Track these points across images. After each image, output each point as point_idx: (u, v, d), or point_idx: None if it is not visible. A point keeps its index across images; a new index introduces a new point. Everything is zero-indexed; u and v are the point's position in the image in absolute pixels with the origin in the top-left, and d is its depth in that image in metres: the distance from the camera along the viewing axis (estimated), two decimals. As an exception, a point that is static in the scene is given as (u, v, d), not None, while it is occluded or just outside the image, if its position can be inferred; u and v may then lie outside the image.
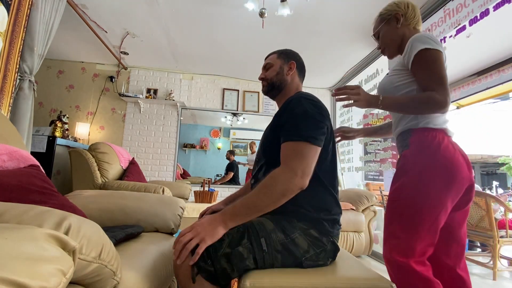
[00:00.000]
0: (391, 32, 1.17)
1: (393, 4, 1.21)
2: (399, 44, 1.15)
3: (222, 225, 0.80)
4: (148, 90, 3.79)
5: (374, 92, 3.12)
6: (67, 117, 3.14)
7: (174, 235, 1.35)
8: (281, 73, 1.07)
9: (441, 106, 0.90)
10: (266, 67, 1.12)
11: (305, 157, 0.82)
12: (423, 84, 0.95)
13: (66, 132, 3.05)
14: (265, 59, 1.15)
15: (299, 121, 0.87)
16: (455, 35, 2.08)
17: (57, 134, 2.83)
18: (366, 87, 3.25)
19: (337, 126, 4.10)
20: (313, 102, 0.91)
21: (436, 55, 0.94)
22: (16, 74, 1.62)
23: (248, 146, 4.20)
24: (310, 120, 0.87)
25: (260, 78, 1.12)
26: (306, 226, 0.87)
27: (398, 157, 1.04)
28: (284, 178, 0.80)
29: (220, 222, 0.80)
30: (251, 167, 4.10)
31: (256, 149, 4.20)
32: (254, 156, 4.18)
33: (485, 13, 1.77)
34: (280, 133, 0.90)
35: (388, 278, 0.82)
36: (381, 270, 2.41)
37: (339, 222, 0.95)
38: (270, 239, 0.83)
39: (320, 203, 0.90)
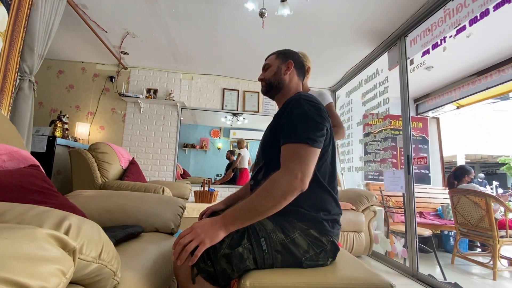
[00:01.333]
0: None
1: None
2: None
3: (223, 229, 0.79)
4: (148, 90, 3.79)
5: (374, 92, 3.11)
6: (67, 117, 3.14)
7: (174, 235, 1.35)
8: (278, 73, 1.07)
9: None
10: (265, 68, 1.13)
11: (304, 159, 0.81)
12: None
13: (66, 132, 3.05)
14: (265, 60, 1.15)
15: (298, 122, 0.86)
16: (455, 35, 2.08)
17: (57, 134, 2.83)
18: (366, 87, 3.25)
19: (337, 126, 4.09)
20: (313, 103, 0.90)
21: None
22: (16, 74, 1.62)
23: (237, 143, 4.17)
24: (309, 122, 0.86)
25: (259, 79, 1.13)
26: (306, 226, 0.87)
27: None
28: (284, 181, 0.80)
29: (221, 225, 0.80)
30: (240, 164, 4.05)
31: (244, 145, 4.18)
32: (245, 151, 4.14)
33: (485, 13, 1.77)
34: (280, 135, 0.90)
35: (388, 278, 0.82)
36: (381, 270, 2.41)
37: (339, 222, 0.95)
38: (270, 239, 0.83)
39: (319, 203, 0.90)
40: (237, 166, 4.07)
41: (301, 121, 0.86)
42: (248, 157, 4.15)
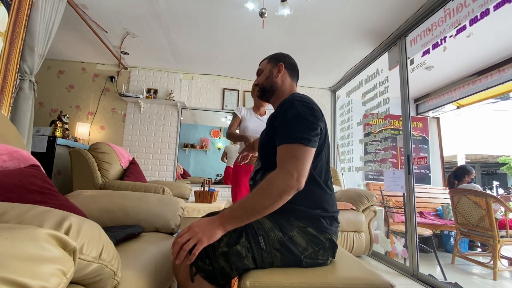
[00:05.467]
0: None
1: None
2: None
3: (220, 227, 0.80)
4: (148, 90, 3.79)
5: (375, 92, 3.10)
6: (68, 117, 3.14)
7: (174, 235, 1.35)
8: (270, 77, 1.11)
9: None
10: (258, 73, 1.17)
11: (299, 158, 0.83)
12: None
13: (67, 132, 3.05)
14: (258, 65, 1.19)
15: (292, 123, 0.88)
16: (456, 35, 2.07)
17: (58, 134, 2.83)
18: (366, 87, 3.25)
19: (338, 125, 4.10)
20: (306, 104, 0.92)
21: None
22: (16, 74, 1.62)
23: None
24: (303, 122, 0.87)
25: (254, 85, 1.19)
26: (303, 224, 0.88)
27: None
28: (280, 180, 0.81)
29: (219, 224, 0.80)
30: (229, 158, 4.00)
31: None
32: (233, 148, 4.09)
33: (485, 13, 1.77)
34: (275, 136, 0.92)
35: (388, 278, 0.82)
36: (381, 270, 2.41)
37: (337, 219, 0.96)
38: (268, 238, 0.84)
39: (316, 201, 0.91)
40: (225, 162, 4.02)
41: (295, 122, 0.88)
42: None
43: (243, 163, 1.73)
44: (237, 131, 2.11)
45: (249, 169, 1.97)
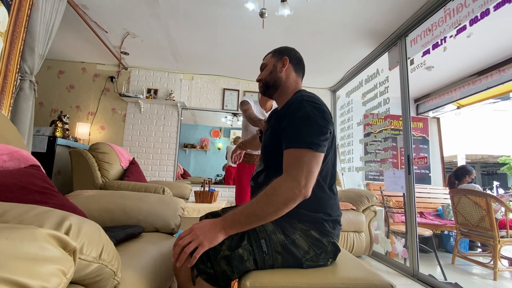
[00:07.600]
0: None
1: None
2: None
3: (222, 231, 0.79)
4: (149, 90, 3.79)
5: (375, 92, 3.10)
6: (68, 117, 3.14)
7: (174, 235, 1.35)
8: (274, 71, 1.04)
9: None
10: (261, 68, 1.11)
11: (308, 165, 0.78)
12: None
13: (67, 132, 3.05)
14: (262, 60, 1.14)
15: (301, 126, 0.83)
16: (456, 35, 2.07)
17: (58, 134, 2.84)
18: (366, 87, 3.25)
19: (338, 126, 4.10)
20: (315, 105, 0.86)
21: None
22: (16, 75, 1.62)
23: (233, 140, 4.13)
24: (312, 125, 0.82)
25: (257, 80, 1.11)
26: (306, 227, 0.87)
27: None
28: (286, 188, 0.77)
29: (221, 228, 0.79)
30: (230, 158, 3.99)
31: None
32: (233, 148, 4.05)
33: (485, 13, 1.77)
34: (282, 138, 0.87)
35: (389, 278, 0.82)
36: (382, 270, 2.41)
37: (340, 222, 0.94)
38: (271, 240, 0.83)
39: (320, 205, 0.89)
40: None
41: (304, 124, 0.83)
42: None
43: (237, 162, 1.70)
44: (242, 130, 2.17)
45: (253, 169, 1.95)
